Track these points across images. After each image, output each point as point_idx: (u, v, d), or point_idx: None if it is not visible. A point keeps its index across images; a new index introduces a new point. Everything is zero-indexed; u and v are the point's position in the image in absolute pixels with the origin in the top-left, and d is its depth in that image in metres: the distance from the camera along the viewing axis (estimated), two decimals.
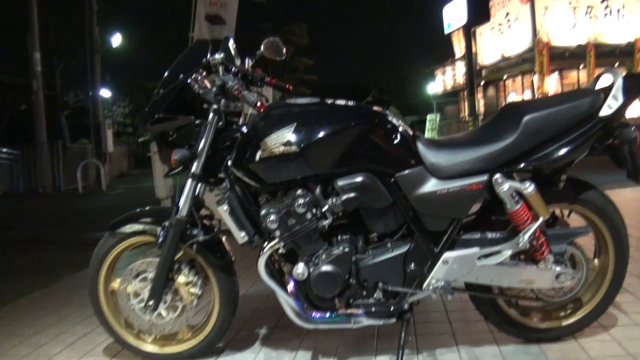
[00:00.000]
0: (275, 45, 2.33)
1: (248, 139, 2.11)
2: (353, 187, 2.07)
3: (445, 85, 34.08)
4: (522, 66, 25.19)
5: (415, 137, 2.17)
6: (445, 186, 2.09)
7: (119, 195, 14.06)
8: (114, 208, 9.48)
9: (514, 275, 2.16)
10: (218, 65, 2.13)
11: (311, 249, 2.14)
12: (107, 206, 10.96)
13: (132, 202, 7.78)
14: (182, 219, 2.24)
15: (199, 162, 2.20)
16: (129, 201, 11.06)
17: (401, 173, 2.10)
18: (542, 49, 21.54)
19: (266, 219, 2.09)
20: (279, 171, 2.07)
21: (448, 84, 33.55)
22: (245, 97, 2.02)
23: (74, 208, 11.54)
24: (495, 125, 2.19)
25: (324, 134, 2.04)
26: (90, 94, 19.76)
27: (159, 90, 2.22)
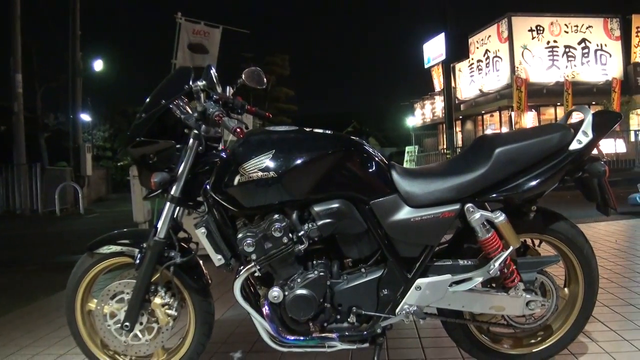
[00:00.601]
0: (257, 74, 2.38)
1: (227, 164, 2.14)
2: (329, 213, 2.11)
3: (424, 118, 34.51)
4: (500, 102, 25.65)
5: (391, 166, 2.22)
6: (419, 214, 2.14)
7: (96, 219, 13.92)
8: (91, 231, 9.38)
9: (485, 302, 2.21)
10: (200, 92, 2.18)
11: (287, 273, 2.16)
12: (84, 229, 10.84)
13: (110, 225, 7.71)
14: (159, 241, 2.26)
15: (178, 185, 2.23)
16: (106, 224, 10.95)
17: (376, 200, 2.15)
18: (521, 85, 21.95)
19: (243, 242, 2.12)
20: (256, 196, 2.10)
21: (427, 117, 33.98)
22: (226, 123, 2.06)
23: (51, 231, 11.40)
24: (468, 156, 2.25)
25: (302, 160, 2.08)
26: (71, 117, 19.65)
27: (141, 114, 2.25)
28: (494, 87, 26.31)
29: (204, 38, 6.80)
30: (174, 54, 6.64)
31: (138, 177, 2.46)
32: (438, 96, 31.66)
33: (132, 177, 5.98)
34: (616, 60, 25.43)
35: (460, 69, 29.40)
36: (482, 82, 27.50)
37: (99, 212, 15.93)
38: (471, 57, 27.21)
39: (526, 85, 22.24)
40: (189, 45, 6.68)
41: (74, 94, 19.13)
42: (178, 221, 2.33)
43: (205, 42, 6.80)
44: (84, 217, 14.64)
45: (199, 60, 6.50)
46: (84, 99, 22.07)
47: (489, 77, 26.83)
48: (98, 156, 30.99)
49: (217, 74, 2.21)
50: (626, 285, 3.58)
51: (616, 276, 3.82)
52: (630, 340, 2.59)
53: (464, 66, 28.97)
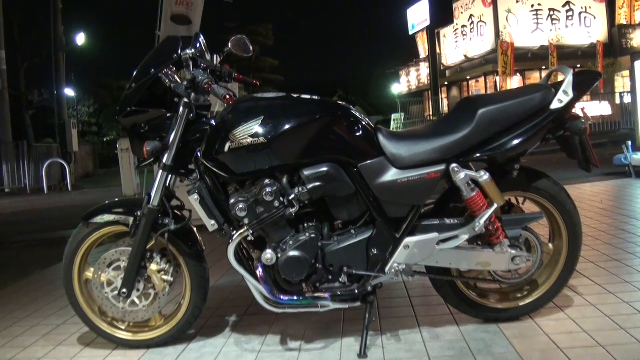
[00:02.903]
0: (243, 42, 2.40)
1: (217, 131, 2.18)
2: (318, 176, 2.16)
3: (409, 85, 34.43)
4: (485, 67, 25.64)
5: (377, 130, 2.26)
6: (405, 175, 2.20)
7: (85, 194, 13.89)
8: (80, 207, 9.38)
9: (471, 259, 2.28)
10: (189, 60, 2.20)
11: (279, 236, 2.22)
12: (73, 205, 10.82)
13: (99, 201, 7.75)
14: (153, 209, 2.31)
15: (170, 153, 2.27)
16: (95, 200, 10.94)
17: (364, 163, 2.20)
18: (507, 49, 21.91)
19: (235, 207, 2.17)
20: (247, 162, 2.15)
21: (413, 85, 33.90)
22: (215, 90, 2.08)
23: (40, 207, 11.38)
24: (452, 118, 2.30)
25: (290, 126, 2.12)
26: (55, 93, 19.45)
27: (131, 85, 2.28)
28: (479, 52, 26.27)
29: (187, 9, 6.73)
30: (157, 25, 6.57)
31: (130, 146, 2.49)
32: (423, 63, 31.57)
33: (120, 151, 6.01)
34: (600, 23, 25.39)
35: (445, 34, 29.29)
36: (467, 48, 27.44)
37: (87, 188, 15.90)
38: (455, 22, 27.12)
39: (513, 49, 22.20)
40: (172, 17, 6.61)
41: (57, 69, 18.89)
42: (171, 189, 2.38)
43: (188, 13, 6.73)
44: (72, 194, 14.61)
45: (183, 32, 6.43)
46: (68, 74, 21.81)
47: (474, 42, 26.77)
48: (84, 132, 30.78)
49: (205, 42, 2.24)
50: (610, 242, 3.67)
51: (601, 234, 3.91)
52: (614, 293, 2.66)
53: (448, 32, 28.87)
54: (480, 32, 26.13)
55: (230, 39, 2.34)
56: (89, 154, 25.07)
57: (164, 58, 2.25)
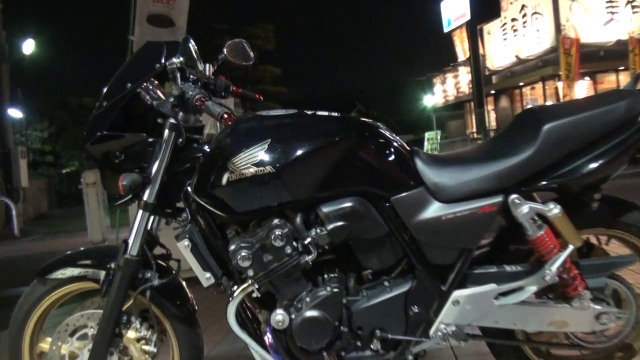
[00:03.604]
0: (241, 47, 2.43)
1: (212, 160, 2.18)
2: (341, 214, 2.15)
3: (446, 96, 34.63)
4: (542, 70, 25.70)
5: (414, 153, 2.26)
6: (451, 210, 2.19)
7: (37, 242, 13.94)
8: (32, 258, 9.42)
9: (541, 317, 2.25)
10: (175, 71, 2.19)
11: (292, 291, 2.21)
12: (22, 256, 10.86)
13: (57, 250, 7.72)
14: (132, 259, 2.30)
15: (152, 188, 2.28)
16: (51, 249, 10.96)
17: (398, 196, 2.19)
18: (570, 47, 21.86)
19: (236, 255, 2.15)
20: (250, 197, 2.14)
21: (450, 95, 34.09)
22: (209, 108, 2.08)
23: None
24: (509, 136, 2.30)
25: (305, 150, 2.12)
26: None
27: (101, 103, 2.29)
28: (534, 51, 26.41)
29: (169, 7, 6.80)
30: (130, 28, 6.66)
31: (101, 181, 2.50)
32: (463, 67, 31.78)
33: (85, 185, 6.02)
34: None
35: (490, 31, 29.51)
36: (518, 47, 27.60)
37: (41, 233, 15.96)
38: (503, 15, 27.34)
39: (577, 47, 22.16)
40: (148, 17, 6.68)
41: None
42: (153, 234, 2.38)
43: (169, 13, 6.81)
44: (21, 241, 14.64)
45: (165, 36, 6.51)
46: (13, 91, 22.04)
47: (528, 39, 26.92)
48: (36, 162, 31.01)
49: (196, 47, 2.25)
50: None
51: None
52: None
53: (494, 28, 29.08)
54: (536, 27, 26.28)
55: (220, 42, 2.36)
56: (43, 190, 25.25)
57: (143, 69, 2.27)
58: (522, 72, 27.56)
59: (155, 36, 6.52)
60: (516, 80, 28.18)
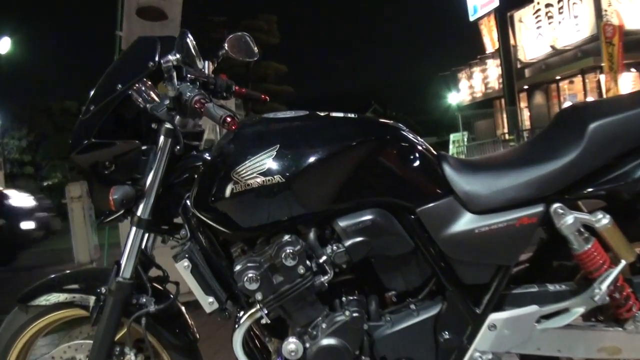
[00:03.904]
0: (244, 42, 2.43)
1: (214, 169, 2.18)
2: (360, 228, 2.14)
3: (473, 92, 34.59)
4: (582, 61, 25.61)
5: (441, 158, 2.25)
6: (485, 222, 2.17)
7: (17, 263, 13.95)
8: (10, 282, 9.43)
9: (590, 343, 2.22)
10: (171, 70, 2.17)
11: (306, 317, 2.19)
12: None
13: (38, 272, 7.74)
14: (125, 283, 2.29)
15: (147, 202, 2.27)
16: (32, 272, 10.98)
17: (424, 207, 2.18)
18: (612, 36, 21.76)
19: (243, 277, 2.14)
20: (257, 211, 2.13)
21: (477, 91, 34.05)
22: (210, 111, 2.06)
23: None
24: (549, 137, 2.28)
25: (318, 157, 2.11)
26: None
27: (88, 108, 2.28)
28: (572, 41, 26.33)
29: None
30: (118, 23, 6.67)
31: (89, 195, 2.50)
32: (491, 60, 31.75)
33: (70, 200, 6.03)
34: None
35: (522, 18, 29.48)
36: (554, 36, 27.53)
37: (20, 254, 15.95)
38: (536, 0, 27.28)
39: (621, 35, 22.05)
40: (138, 10, 6.68)
41: None
42: (148, 254, 2.37)
43: (161, 4, 6.80)
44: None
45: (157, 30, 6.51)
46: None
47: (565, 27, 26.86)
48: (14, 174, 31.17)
49: (195, 43, 2.23)
50: None
51: None
52: None
53: (526, 15, 29.06)
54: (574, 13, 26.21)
55: (218, 37, 2.35)
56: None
57: (135, 68, 2.27)
58: (558, 65, 27.47)
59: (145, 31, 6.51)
60: (552, 74, 28.08)
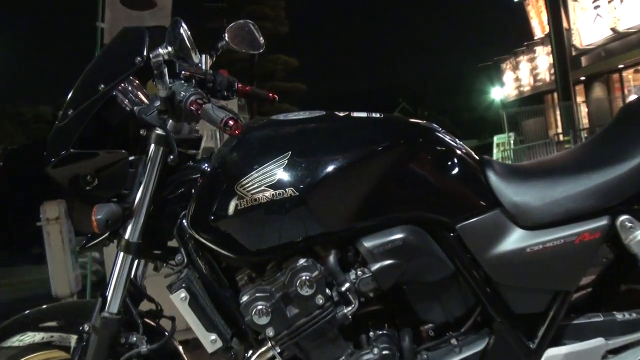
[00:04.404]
0: (248, 31, 2.43)
1: (215, 182, 2.19)
2: (390, 250, 2.13)
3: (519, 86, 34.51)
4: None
5: (484, 164, 2.25)
6: (539, 240, 2.16)
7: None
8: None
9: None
10: (162, 66, 2.15)
11: (327, 356, 2.19)
12: None
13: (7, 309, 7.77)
14: (111, 319, 2.28)
15: (136, 223, 2.27)
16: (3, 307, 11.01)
17: (466, 223, 2.18)
18: None
19: (250, 309, 2.13)
20: (267, 230, 2.13)
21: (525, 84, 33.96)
22: (209, 113, 2.05)
23: None
24: (612, 136, 2.28)
25: (338, 165, 2.10)
26: None
27: (66, 112, 2.28)
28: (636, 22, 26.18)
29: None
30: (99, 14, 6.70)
31: (68, 215, 2.51)
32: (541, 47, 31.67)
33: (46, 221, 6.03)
34: None
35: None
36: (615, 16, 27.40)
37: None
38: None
39: None
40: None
41: None
42: (139, 284, 2.38)
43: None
44: None
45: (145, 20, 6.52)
46: None
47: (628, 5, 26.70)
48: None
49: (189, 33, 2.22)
50: None
51: None
52: None
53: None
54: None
55: (217, 26, 2.36)
56: None
57: (120, 64, 2.26)
58: (621, 51, 27.27)
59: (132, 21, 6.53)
60: (614, 62, 27.89)
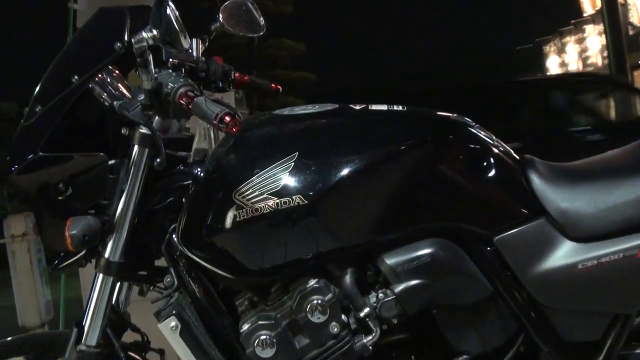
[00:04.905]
0: (245, 11, 2.42)
1: (209, 189, 2.19)
2: (416, 267, 2.12)
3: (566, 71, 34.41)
4: None
5: (526, 165, 2.24)
6: (593, 254, 2.14)
7: None
8: None
9: None
10: (146, 53, 2.13)
11: None
12: None
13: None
14: (89, 352, 2.28)
15: (117, 239, 2.26)
16: None
17: (505, 234, 2.17)
18: None
19: (252, 340, 2.12)
20: (270, 246, 2.13)
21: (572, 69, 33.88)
22: (201, 108, 2.04)
23: None
24: None
25: (354, 168, 2.09)
26: None
27: (33, 108, 2.27)
28: None
29: None
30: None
31: (37, 230, 2.51)
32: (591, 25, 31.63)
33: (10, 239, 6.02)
34: None
35: None
36: None
37: None
38: None
39: None
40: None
41: None
42: (121, 310, 2.39)
43: None
44: None
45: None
46: None
47: None
48: None
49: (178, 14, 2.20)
50: None
51: None
52: None
53: None
54: None
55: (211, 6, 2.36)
56: None
57: (96, 52, 2.25)
58: None
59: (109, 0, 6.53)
60: None
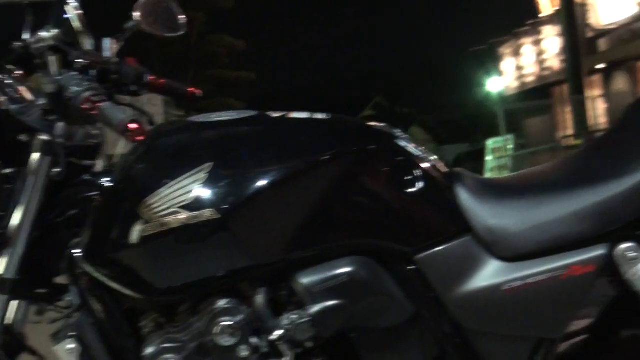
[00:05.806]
0: (164, 7, 2.42)
1: (115, 201, 2.19)
2: (332, 287, 2.12)
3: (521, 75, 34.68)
4: None
5: (454, 179, 2.25)
6: (520, 274, 2.15)
7: None
8: None
9: None
10: (46, 53, 2.18)
11: None
12: None
13: None
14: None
15: (13, 254, 2.26)
16: None
17: (428, 252, 2.17)
18: None
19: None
20: (179, 263, 2.13)
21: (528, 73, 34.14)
22: (106, 114, 2.06)
23: None
24: (614, 143, 2.30)
25: (270, 180, 2.10)
26: None
27: None
28: None
29: None
30: None
31: None
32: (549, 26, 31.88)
33: None
34: None
35: None
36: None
37: None
38: None
39: None
40: None
41: None
42: (16, 332, 2.37)
43: None
44: None
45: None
46: None
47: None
48: None
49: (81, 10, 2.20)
50: None
51: None
52: None
53: None
54: None
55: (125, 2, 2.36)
56: None
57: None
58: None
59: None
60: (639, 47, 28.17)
